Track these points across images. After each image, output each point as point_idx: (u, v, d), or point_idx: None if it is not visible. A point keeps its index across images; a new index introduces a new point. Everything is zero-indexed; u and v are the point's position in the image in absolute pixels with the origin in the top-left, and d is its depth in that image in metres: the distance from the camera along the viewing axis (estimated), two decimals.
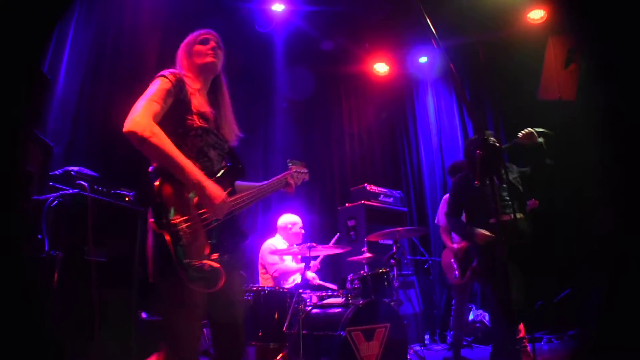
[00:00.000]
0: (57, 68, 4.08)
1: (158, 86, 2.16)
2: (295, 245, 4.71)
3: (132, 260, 3.45)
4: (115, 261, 3.28)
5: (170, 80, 2.20)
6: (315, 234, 7.04)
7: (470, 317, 6.44)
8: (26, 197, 2.53)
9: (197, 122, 2.24)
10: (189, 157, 2.12)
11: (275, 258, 5.21)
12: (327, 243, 4.85)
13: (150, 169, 2.12)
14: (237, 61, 7.24)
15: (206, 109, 2.33)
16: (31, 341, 2.48)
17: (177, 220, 1.97)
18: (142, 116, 2.01)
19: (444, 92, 8.81)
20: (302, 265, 5.05)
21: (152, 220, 1.95)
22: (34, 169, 2.59)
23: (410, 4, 7.03)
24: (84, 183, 3.09)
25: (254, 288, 4.43)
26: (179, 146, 2.09)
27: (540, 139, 4.13)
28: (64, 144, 3.96)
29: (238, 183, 2.48)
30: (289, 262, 5.29)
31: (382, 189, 7.14)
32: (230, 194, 2.27)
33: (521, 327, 4.72)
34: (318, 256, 5.15)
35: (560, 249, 6.38)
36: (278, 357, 4.28)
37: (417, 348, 5.74)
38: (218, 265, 2.01)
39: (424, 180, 8.55)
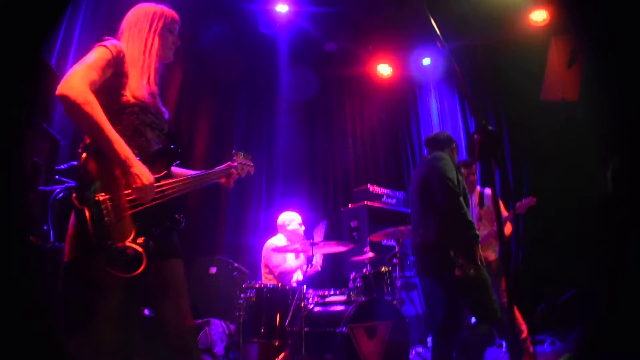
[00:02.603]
0: (64, 63, 4.12)
1: (98, 54, 2.05)
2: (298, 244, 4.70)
3: None
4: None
5: (111, 52, 2.09)
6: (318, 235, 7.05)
7: (473, 319, 6.43)
8: (33, 188, 2.56)
9: (133, 99, 2.13)
10: (124, 135, 2.03)
11: (279, 258, 5.23)
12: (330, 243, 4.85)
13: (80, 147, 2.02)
14: (241, 63, 7.30)
15: (143, 88, 2.20)
16: (35, 333, 2.50)
17: (101, 198, 1.87)
18: (78, 82, 1.92)
19: (447, 93, 8.80)
20: (302, 260, 5.07)
21: (74, 195, 1.87)
22: (41, 161, 2.61)
23: (414, 6, 7.11)
24: None
25: (257, 285, 4.45)
26: (113, 124, 1.99)
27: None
28: (69, 139, 3.98)
29: (177, 170, 2.38)
30: (290, 261, 5.30)
31: (385, 190, 7.14)
32: (165, 177, 2.17)
33: (524, 327, 4.72)
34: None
35: (563, 249, 6.38)
36: (281, 356, 4.29)
37: (420, 350, 5.74)
38: (141, 249, 1.92)
39: None
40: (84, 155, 1.91)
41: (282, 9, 7.05)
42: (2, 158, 2.21)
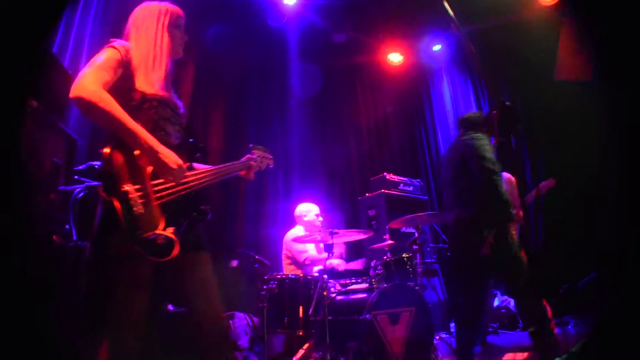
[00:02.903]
0: (76, 65, 4.14)
1: (107, 55, 2.08)
2: (317, 234, 4.71)
3: None
4: None
5: (120, 52, 2.11)
6: (337, 225, 7.06)
7: (495, 303, 6.41)
8: (54, 188, 2.58)
9: (149, 95, 2.15)
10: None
11: (301, 247, 5.26)
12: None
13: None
14: (251, 56, 7.32)
15: (156, 84, 2.21)
16: (55, 330, 2.53)
17: (128, 188, 1.88)
18: (90, 82, 1.94)
19: (459, 79, 8.75)
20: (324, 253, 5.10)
21: (101, 188, 1.88)
22: (60, 161, 2.64)
23: None
24: None
25: (278, 276, 4.46)
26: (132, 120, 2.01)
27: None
28: (86, 140, 4.02)
29: (197, 165, 2.36)
30: (312, 251, 5.33)
31: (401, 178, 7.12)
32: (188, 169, 2.18)
33: (547, 309, 4.68)
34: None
35: (584, 230, 6.31)
36: (305, 346, 4.30)
37: (444, 335, 5.73)
38: (173, 236, 1.94)
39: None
40: (108, 148, 1.91)
41: (289, 1, 7.04)
42: (17, 157, 2.23)
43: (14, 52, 1.86)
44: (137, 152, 1.98)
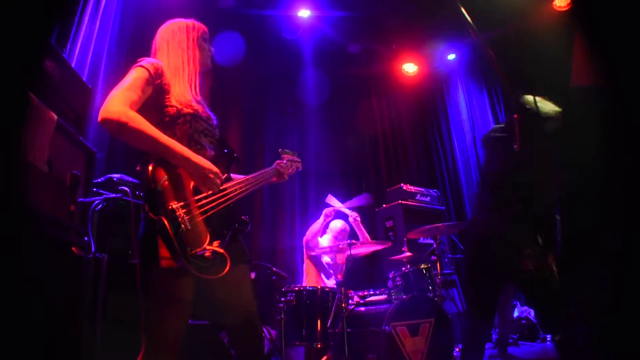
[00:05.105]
0: (95, 81, 4.18)
1: (135, 75, 2.08)
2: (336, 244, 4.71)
3: None
4: None
5: (149, 70, 2.11)
6: (353, 236, 7.05)
7: (515, 314, 6.31)
8: (73, 200, 2.59)
9: (183, 109, 2.16)
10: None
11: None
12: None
13: (138, 167, 2.02)
14: (266, 69, 7.36)
15: (190, 97, 2.23)
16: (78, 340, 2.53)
17: (174, 206, 1.88)
18: (116, 104, 1.93)
19: (474, 87, 8.72)
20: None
21: (147, 207, 1.88)
22: (79, 173, 2.65)
23: (438, 2, 7.06)
24: (126, 188, 3.15)
25: (296, 288, 4.44)
26: (168, 136, 2.02)
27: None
28: (104, 154, 4.05)
29: (233, 176, 2.38)
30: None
31: (418, 189, 7.07)
32: (226, 181, 2.21)
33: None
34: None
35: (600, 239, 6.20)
36: (324, 358, 4.27)
37: None
38: (222, 251, 1.94)
39: (460, 177, 8.44)
40: (151, 166, 1.92)
41: (304, 14, 7.10)
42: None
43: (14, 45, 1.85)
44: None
